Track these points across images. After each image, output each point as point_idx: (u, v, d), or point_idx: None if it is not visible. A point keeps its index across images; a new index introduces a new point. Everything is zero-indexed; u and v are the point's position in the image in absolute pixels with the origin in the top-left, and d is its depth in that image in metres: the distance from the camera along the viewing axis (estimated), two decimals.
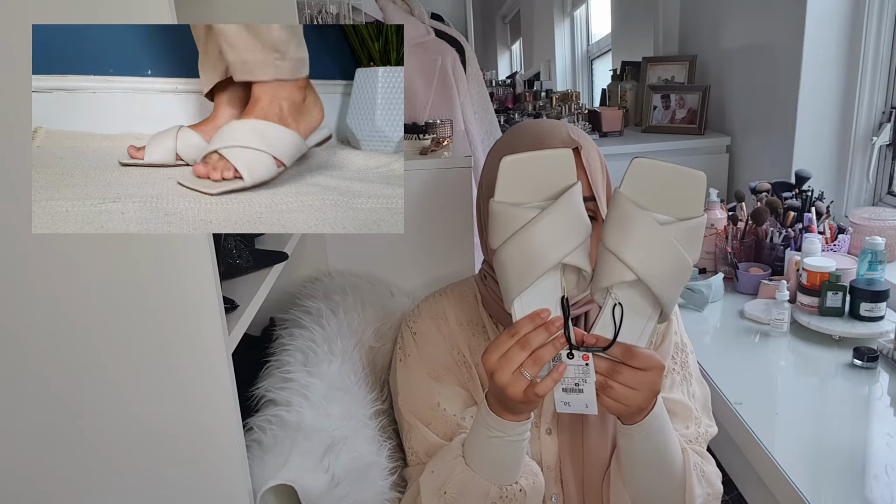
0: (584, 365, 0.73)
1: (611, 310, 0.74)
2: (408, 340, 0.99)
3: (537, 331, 0.72)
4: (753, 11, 2.09)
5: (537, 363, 0.71)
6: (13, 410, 0.70)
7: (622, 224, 0.70)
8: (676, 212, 0.70)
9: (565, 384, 0.74)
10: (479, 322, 0.98)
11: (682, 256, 0.70)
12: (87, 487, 0.73)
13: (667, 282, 0.71)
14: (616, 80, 2.89)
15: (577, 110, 2.61)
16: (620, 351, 0.73)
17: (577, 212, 0.72)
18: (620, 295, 0.73)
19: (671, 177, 0.70)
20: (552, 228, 0.70)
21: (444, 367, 0.95)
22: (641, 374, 0.73)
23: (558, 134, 0.88)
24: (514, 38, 6.50)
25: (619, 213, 0.70)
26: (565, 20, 4.63)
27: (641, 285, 0.71)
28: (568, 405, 0.75)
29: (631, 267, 0.69)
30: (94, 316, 0.67)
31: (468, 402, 0.94)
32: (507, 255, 0.71)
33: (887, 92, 1.79)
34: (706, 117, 2.40)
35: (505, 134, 0.96)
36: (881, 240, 1.44)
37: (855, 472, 1.03)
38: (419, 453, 0.93)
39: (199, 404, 0.71)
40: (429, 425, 0.93)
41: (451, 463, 0.85)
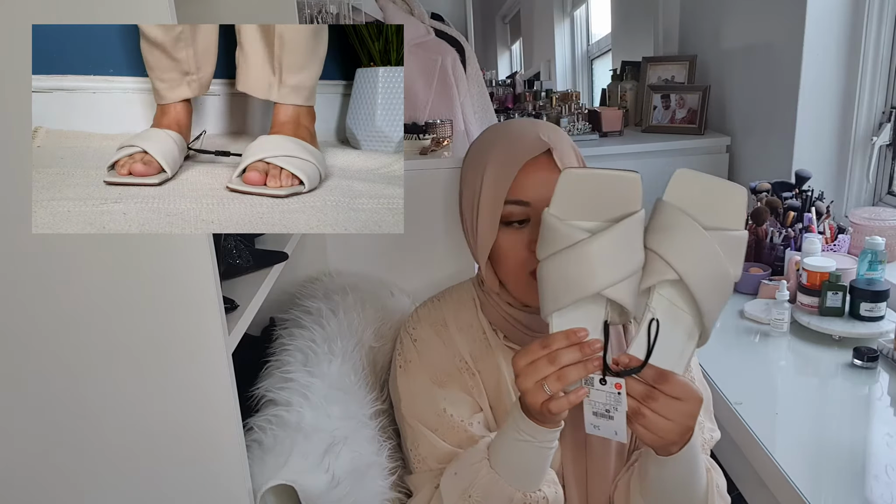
0: (616, 393, 0.70)
1: (647, 326, 0.71)
2: (408, 347, 0.97)
3: (570, 349, 0.70)
4: (753, 11, 2.09)
5: (561, 380, 0.69)
6: (13, 410, 0.70)
7: (665, 225, 0.69)
8: (718, 222, 0.69)
9: (596, 408, 0.71)
10: (479, 328, 0.96)
11: (723, 263, 0.69)
12: (87, 487, 0.73)
13: (707, 287, 0.69)
14: (616, 80, 2.89)
15: (577, 110, 2.61)
16: (654, 375, 0.70)
17: (632, 242, 0.69)
18: (659, 306, 0.71)
19: (713, 189, 0.69)
20: (599, 255, 0.68)
21: (446, 374, 0.94)
22: (676, 404, 0.70)
23: (530, 136, 0.87)
24: (514, 38, 6.50)
25: (663, 216, 0.69)
26: (565, 20, 4.63)
27: (682, 289, 0.69)
28: (597, 428, 0.72)
29: (672, 265, 0.68)
30: (94, 316, 0.67)
31: (474, 408, 0.93)
32: (549, 270, 0.70)
33: (887, 92, 1.79)
34: (706, 117, 2.40)
35: (481, 134, 0.95)
36: (881, 240, 1.44)
37: (855, 472, 1.03)
38: (428, 460, 0.91)
39: (199, 404, 0.71)
40: (435, 432, 0.91)
41: (475, 466, 0.83)
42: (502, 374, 0.93)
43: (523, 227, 0.87)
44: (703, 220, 0.68)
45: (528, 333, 0.92)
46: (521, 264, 0.87)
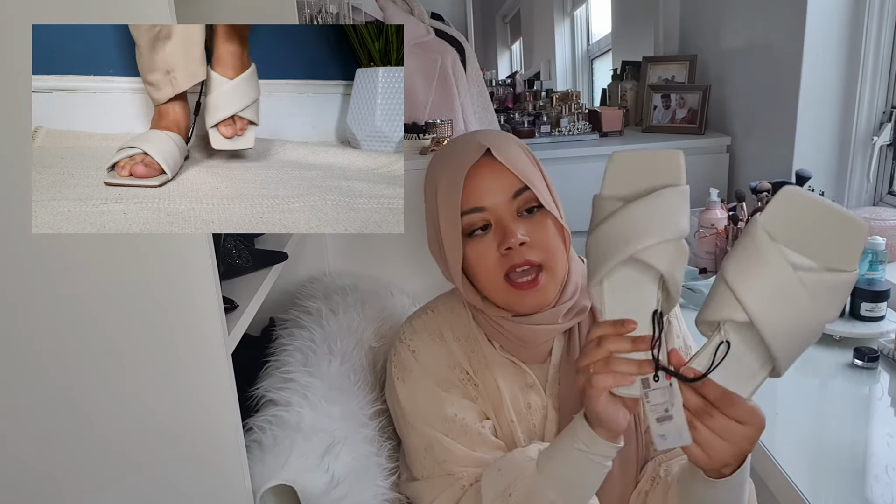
0: (668, 386, 0.67)
1: (715, 346, 0.66)
2: (406, 358, 0.95)
3: (619, 338, 0.68)
4: (754, 11, 2.09)
5: (609, 364, 0.68)
6: (13, 410, 0.70)
7: (747, 255, 0.63)
8: (822, 259, 0.61)
9: (657, 412, 0.67)
10: (475, 339, 0.95)
11: (809, 310, 0.61)
12: (87, 487, 0.73)
13: (784, 335, 0.62)
14: (616, 80, 2.88)
15: (577, 110, 2.60)
16: (717, 394, 0.66)
17: (671, 212, 0.66)
18: (732, 332, 0.66)
19: (825, 217, 0.61)
20: (631, 220, 0.66)
21: (449, 382, 0.93)
22: (736, 426, 0.66)
23: (469, 144, 0.88)
24: (514, 38, 6.50)
25: (748, 241, 0.63)
26: (565, 20, 4.63)
27: (753, 331, 0.63)
28: (665, 438, 0.68)
29: (745, 305, 0.62)
30: (94, 316, 0.68)
31: (481, 414, 0.92)
32: (590, 244, 0.70)
33: (888, 92, 1.79)
34: (706, 117, 2.40)
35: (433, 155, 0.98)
36: (881, 240, 1.43)
37: (855, 472, 1.03)
38: (447, 464, 0.88)
39: (199, 404, 0.71)
40: (447, 436, 0.89)
41: (522, 465, 0.81)
42: (500, 389, 0.92)
43: (487, 233, 0.87)
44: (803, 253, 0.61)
45: (521, 344, 0.91)
46: (493, 270, 0.86)
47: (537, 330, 0.89)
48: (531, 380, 0.93)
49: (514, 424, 0.92)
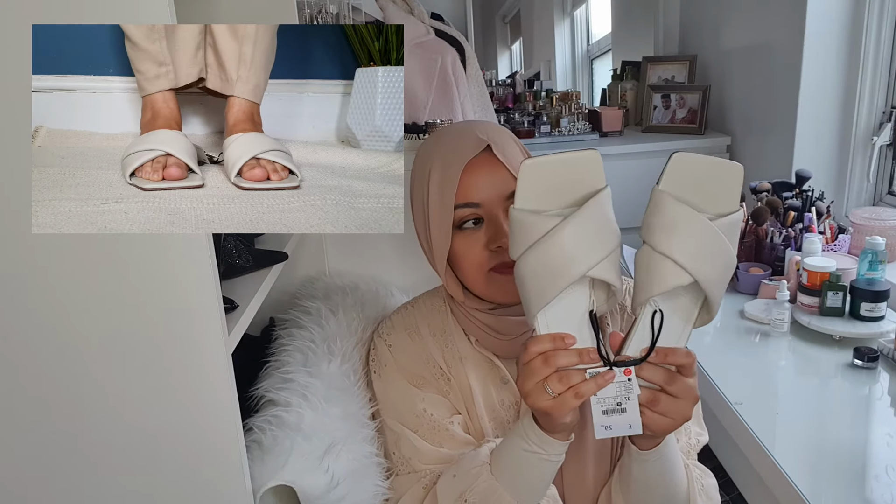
0: (626, 381, 0.67)
1: (650, 319, 0.68)
2: (382, 352, 0.95)
3: (565, 351, 0.68)
4: (753, 11, 2.09)
5: (563, 382, 0.68)
6: (12, 410, 0.70)
7: (667, 222, 0.65)
8: (715, 207, 0.66)
9: (606, 405, 0.68)
10: (451, 333, 0.95)
11: (729, 253, 0.67)
12: (86, 487, 0.73)
13: (719, 284, 0.67)
14: (616, 80, 2.89)
15: (578, 110, 2.61)
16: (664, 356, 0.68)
17: (606, 219, 0.67)
18: (664, 303, 0.68)
19: (709, 170, 0.66)
20: (576, 237, 0.65)
21: (422, 378, 0.93)
22: (689, 382, 0.69)
23: (467, 136, 0.86)
24: (514, 38, 6.50)
25: (667, 212, 0.65)
26: (565, 20, 4.63)
27: (691, 290, 0.67)
28: (609, 429, 0.68)
29: (688, 269, 0.65)
30: (94, 315, 0.67)
31: (451, 409, 0.92)
32: (528, 266, 0.67)
33: (888, 92, 1.79)
34: (706, 117, 2.40)
35: (423, 142, 0.95)
36: (881, 240, 1.44)
37: (855, 472, 1.03)
38: (411, 461, 0.90)
39: (198, 404, 0.71)
40: (416, 432, 0.90)
41: (476, 470, 0.81)
42: (471, 384, 0.92)
43: (478, 228, 0.86)
44: (705, 209, 0.65)
45: (498, 337, 0.91)
46: (479, 264, 0.86)
47: (515, 321, 0.89)
48: (505, 375, 0.92)
49: (483, 420, 0.92)
